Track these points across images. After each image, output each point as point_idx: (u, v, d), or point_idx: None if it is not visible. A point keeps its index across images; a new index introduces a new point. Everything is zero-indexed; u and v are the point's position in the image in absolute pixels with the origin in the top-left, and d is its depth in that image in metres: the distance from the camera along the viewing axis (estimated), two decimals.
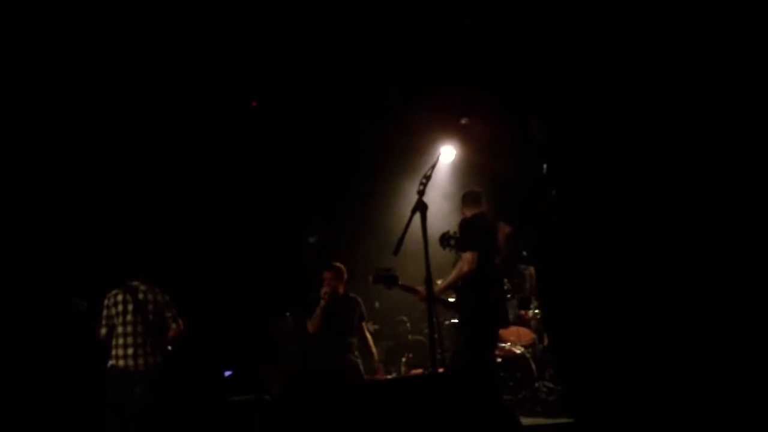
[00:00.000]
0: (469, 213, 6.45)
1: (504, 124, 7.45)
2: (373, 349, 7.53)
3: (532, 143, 4.55)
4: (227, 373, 8.84)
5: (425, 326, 8.60)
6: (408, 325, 9.41)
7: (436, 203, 6.13)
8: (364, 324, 7.47)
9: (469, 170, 9.31)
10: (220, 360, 8.90)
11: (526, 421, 6.55)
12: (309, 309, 7.35)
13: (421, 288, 6.57)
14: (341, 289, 7.36)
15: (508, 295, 8.04)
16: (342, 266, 7.39)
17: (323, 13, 7.48)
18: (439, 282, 6.44)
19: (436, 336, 8.13)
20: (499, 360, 7.61)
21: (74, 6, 6.99)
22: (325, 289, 7.24)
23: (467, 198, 6.60)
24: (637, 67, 4.12)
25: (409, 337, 9.31)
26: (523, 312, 7.99)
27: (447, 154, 9.17)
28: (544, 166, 4.12)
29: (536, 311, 7.80)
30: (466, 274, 6.18)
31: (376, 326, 9.45)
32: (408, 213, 5.70)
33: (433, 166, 5.40)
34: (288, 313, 9.21)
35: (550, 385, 7.51)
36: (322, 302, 7.19)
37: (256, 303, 9.39)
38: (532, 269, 7.76)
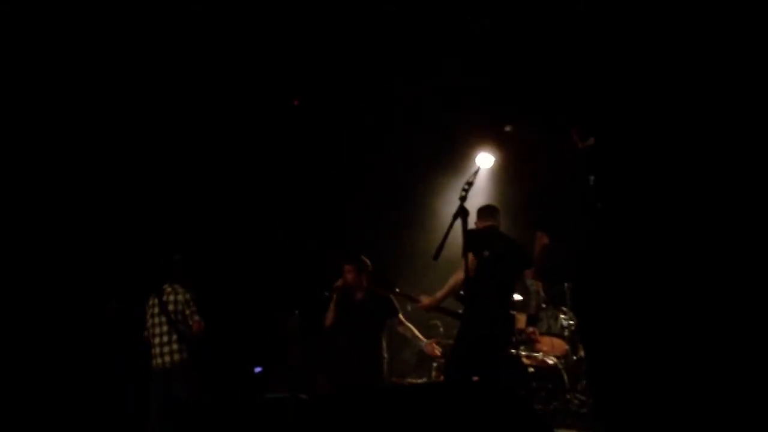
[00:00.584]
0: (481, 226, 6.37)
1: (545, 131, 7.43)
2: (420, 337, 7.30)
3: (575, 153, 4.52)
4: (257, 370, 8.86)
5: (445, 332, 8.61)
6: (441, 329, 9.33)
7: (472, 210, 6.04)
8: (400, 317, 7.21)
9: (506, 177, 9.26)
10: (248, 356, 8.93)
11: None
12: (323, 305, 7.16)
13: (424, 297, 6.64)
14: (364, 284, 7.10)
15: (543, 305, 8.00)
16: (366, 259, 7.15)
17: (365, 14, 7.52)
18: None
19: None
20: (532, 370, 7.56)
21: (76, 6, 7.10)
22: (338, 282, 7.05)
23: (482, 212, 6.49)
24: (694, 81, 4.10)
25: (441, 341, 9.22)
26: (531, 330, 7.88)
27: (485, 160, 9.12)
28: (591, 177, 4.09)
29: (571, 322, 7.74)
30: (461, 281, 5.89)
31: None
32: (446, 216, 5.73)
33: (476, 173, 5.41)
34: (296, 311, 9.17)
35: (582, 397, 7.44)
36: (334, 296, 7.00)
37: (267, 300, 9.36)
38: (539, 284, 7.73)
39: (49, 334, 8.15)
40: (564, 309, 7.87)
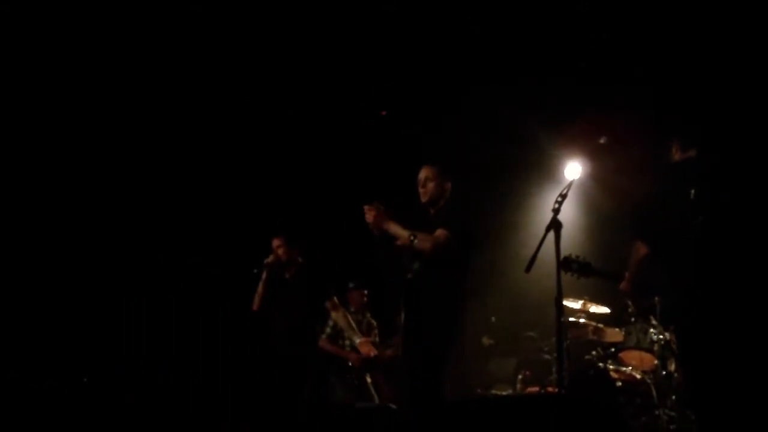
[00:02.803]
0: (445, 195, 5.66)
1: (639, 143, 7.34)
2: (355, 330, 6.86)
3: (672, 166, 4.47)
4: None
5: (546, 344, 8.54)
6: (538, 343, 9.17)
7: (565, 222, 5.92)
8: (335, 300, 6.76)
9: (597, 189, 9.17)
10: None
11: None
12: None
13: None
14: (297, 259, 6.72)
15: (632, 319, 7.90)
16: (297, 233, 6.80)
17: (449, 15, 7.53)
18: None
19: (551, 355, 8.14)
20: (619, 384, 7.47)
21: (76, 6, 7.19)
22: (268, 259, 6.65)
23: (452, 186, 5.74)
24: None
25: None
26: None
27: (574, 171, 9.05)
28: (692, 191, 4.04)
29: (661, 337, 7.62)
30: (432, 250, 5.22)
31: (491, 341, 9.38)
32: (532, 229, 5.68)
33: (570, 185, 5.37)
34: None
35: (671, 413, 7.31)
36: (264, 274, 6.62)
37: None
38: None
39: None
40: (654, 323, 7.74)
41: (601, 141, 8.59)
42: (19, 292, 8.18)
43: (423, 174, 5.64)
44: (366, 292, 8.62)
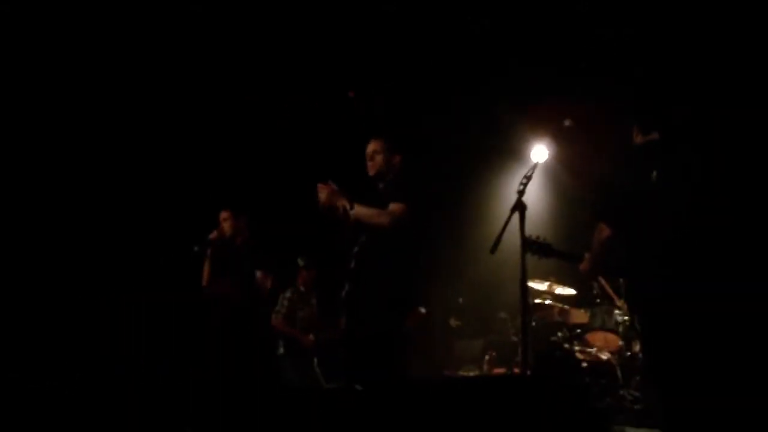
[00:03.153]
0: (396, 168, 5.41)
1: (603, 125, 7.36)
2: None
3: (634, 148, 4.48)
4: None
5: (512, 325, 8.59)
6: (509, 324, 9.12)
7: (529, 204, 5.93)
8: (264, 273, 6.57)
9: (562, 171, 9.21)
10: None
11: None
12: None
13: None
14: (245, 232, 6.64)
15: (597, 300, 7.96)
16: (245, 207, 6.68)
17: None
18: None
19: (515, 337, 8.19)
20: (585, 365, 7.53)
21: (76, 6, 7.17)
22: (212, 234, 6.51)
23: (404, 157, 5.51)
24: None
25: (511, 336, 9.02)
26: None
27: (540, 154, 9.07)
28: (654, 173, 4.05)
29: (626, 318, 7.69)
30: (390, 224, 5.01)
31: (459, 323, 9.42)
32: (497, 211, 5.67)
33: (535, 167, 5.39)
34: None
35: (636, 393, 7.39)
36: (209, 250, 6.48)
37: None
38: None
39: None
40: (618, 304, 7.81)
41: (566, 123, 8.59)
42: (19, 292, 8.08)
43: (370, 147, 5.47)
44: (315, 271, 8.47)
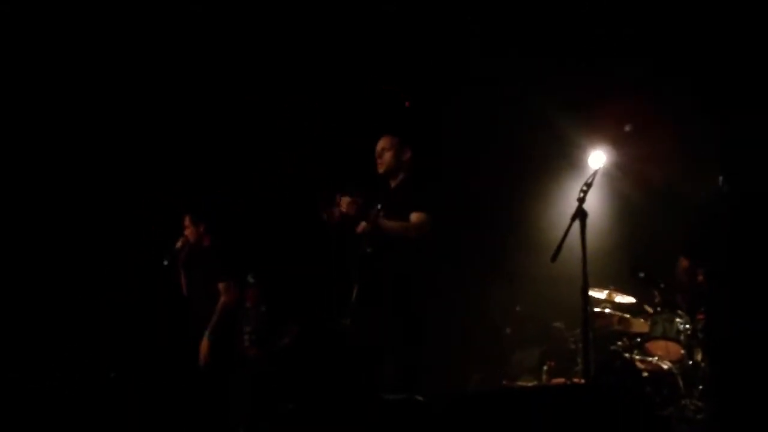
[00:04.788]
0: (405, 167, 5.53)
1: (665, 130, 7.28)
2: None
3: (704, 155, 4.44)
4: None
5: (571, 335, 8.49)
6: (565, 333, 9.09)
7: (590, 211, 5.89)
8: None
9: (623, 178, 9.09)
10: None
11: None
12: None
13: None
14: (205, 236, 6.58)
15: (658, 308, 7.83)
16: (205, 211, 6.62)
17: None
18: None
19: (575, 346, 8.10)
20: (646, 374, 7.42)
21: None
22: (178, 243, 6.52)
23: (412, 154, 5.59)
24: None
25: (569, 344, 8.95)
26: None
27: (597, 159, 8.97)
28: (720, 178, 3.99)
29: (687, 326, 7.55)
30: (413, 237, 5.17)
31: (514, 332, 9.35)
32: (558, 217, 5.62)
33: (595, 174, 5.34)
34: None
35: (699, 402, 7.25)
36: (179, 259, 6.46)
37: None
38: None
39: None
40: (680, 312, 7.67)
41: (627, 129, 8.50)
42: (18, 292, 8.17)
43: (380, 145, 5.53)
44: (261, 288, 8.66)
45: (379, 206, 5.21)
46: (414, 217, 5.18)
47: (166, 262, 6.42)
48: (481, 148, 9.28)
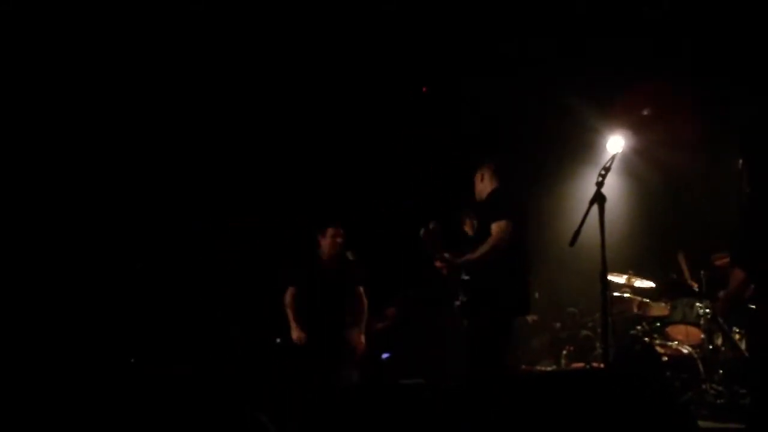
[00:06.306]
0: (490, 185, 6.05)
1: (686, 115, 7.24)
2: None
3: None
4: (384, 356, 8.91)
5: (590, 320, 8.48)
6: (578, 318, 9.15)
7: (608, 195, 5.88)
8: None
9: (642, 163, 9.05)
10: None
11: None
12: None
13: (449, 255, 5.94)
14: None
15: (678, 293, 7.81)
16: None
17: None
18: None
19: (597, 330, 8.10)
20: (665, 359, 7.40)
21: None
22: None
23: (495, 167, 6.11)
24: None
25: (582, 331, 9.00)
26: None
27: (615, 144, 8.94)
28: (740, 161, 3.96)
29: (707, 311, 7.52)
30: (501, 249, 5.61)
31: (535, 317, 9.33)
32: (576, 201, 5.62)
33: (613, 158, 5.32)
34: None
35: (719, 387, 7.23)
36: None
37: None
38: None
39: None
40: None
41: (645, 113, 8.45)
42: (19, 292, 8.19)
43: (478, 175, 6.13)
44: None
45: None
46: (492, 228, 5.63)
47: (138, 266, 6.99)
48: (500, 133, 9.26)
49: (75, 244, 8.26)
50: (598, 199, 5.14)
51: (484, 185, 6.07)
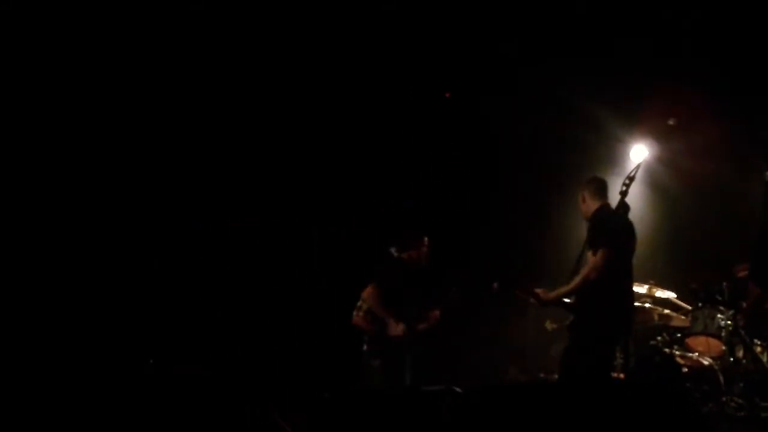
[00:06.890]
0: (593, 204, 6.02)
1: (711, 125, 7.21)
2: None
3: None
4: None
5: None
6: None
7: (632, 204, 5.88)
8: None
9: (666, 172, 9.02)
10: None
11: None
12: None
13: (540, 291, 6.25)
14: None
15: (699, 304, 7.75)
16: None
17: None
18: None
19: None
20: (685, 370, 7.36)
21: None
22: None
23: (593, 186, 6.11)
24: None
25: None
26: None
27: (639, 153, 8.92)
28: (766, 173, 3.95)
29: (728, 323, 7.47)
30: (594, 280, 5.73)
31: (554, 325, 9.31)
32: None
33: (638, 168, 5.33)
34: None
35: (740, 400, 7.17)
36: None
37: None
38: None
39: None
40: (722, 308, 7.60)
41: (670, 122, 8.42)
42: (19, 292, 8.22)
43: (580, 195, 6.18)
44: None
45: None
46: (589, 257, 5.77)
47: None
48: (525, 142, 9.27)
49: (75, 244, 8.30)
50: (622, 207, 5.15)
51: (588, 206, 6.07)
